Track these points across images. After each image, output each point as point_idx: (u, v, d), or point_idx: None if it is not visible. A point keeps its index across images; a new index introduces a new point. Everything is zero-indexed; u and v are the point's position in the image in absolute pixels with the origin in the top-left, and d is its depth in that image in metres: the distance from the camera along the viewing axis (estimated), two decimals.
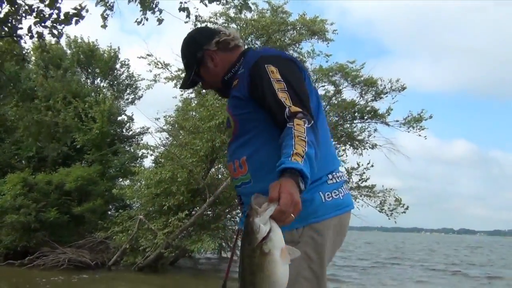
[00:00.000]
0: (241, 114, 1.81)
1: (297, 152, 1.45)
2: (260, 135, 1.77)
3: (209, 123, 11.39)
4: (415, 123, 12.73)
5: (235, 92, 1.84)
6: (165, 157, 13.14)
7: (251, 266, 1.33)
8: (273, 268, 1.31)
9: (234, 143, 1.87)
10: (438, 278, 13.90)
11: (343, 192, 1.82)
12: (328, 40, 13.03)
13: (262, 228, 1.31)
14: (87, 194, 13.82)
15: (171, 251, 11.70)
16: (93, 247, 12.61)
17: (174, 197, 11.77)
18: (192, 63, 1.96)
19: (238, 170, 1.83)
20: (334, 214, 1.77)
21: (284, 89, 1.65)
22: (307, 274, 1.71)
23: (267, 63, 1.74)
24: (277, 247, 1.32)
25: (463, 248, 42.68)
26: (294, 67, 1.81)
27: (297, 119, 1.56)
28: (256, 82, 1.73)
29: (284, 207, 1.32)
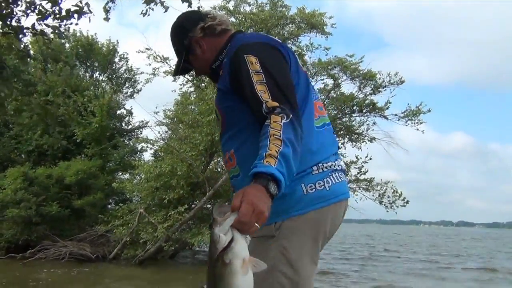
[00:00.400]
0: (227, 107, 1.75)
1: (270, 153, 1.39)
2: (246, 128, 1.69)
3: (208, 117, 11.42)
4: (413, 117, 12.80)
5: (219, 83, 1.77)
6: (165, 151, 13.19)
7: (213, 277, 1.30)
8: (232, 279, 1.28)
9: (223, 136, 1.82)
10: (439, 271, 14.01)
11: (331, 182, 1.70)
12: (326, 33, 13.05)
13: (222, 238, 1.28)
14: (87, 188, 13.90)
15: (171, 244, 11.81)
16: (94, 240, 12.71)
17: (174, 191, 11.85)
18: (181, 51, 1.90)
19: (229, 163, 1.79)
20: (317, 207, 1.67)
21: (262, 81, 1.57)
22: (285, 269, 1.63)
23: (246, 52, 1.64)
24: (238, 258, 1.28)
25: (461, 240, 42.93)
26: (277, 54, 1.70)
27: (274, 115, 1.48)
28: (236, 75, 1.65)
29: (243, 217, 1.27)
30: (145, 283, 9.93)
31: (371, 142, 13.49)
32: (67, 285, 9.13)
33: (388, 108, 13.22)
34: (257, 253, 1.58)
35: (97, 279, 10.43)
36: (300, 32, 12.26)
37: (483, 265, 16.32)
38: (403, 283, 10.95)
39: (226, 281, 1.27)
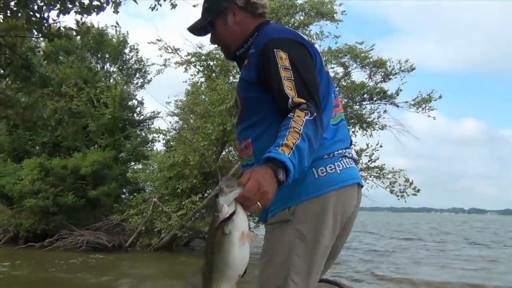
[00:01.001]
0: (249, 98, 1.77)
1: (286, 143, 1.44)
2: (266, 119, 1.73)
3: (220, 107, 11.54)
4: (424, 104, 12.78)
5: (244, 73, 1.79)
6: (177, 141, 13.34)
7: (212, 245, 1.34)
8: (229, 249, 1.31)
9: (241, 124, 1.84)
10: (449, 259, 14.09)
11: (342, 166, 1.73)
12: (336, 21, 13.03)
13: (225, 208, 1.31)
14: (101, 178, 14.16)
15: (184, 232, 12.02)
16: (110, 229, 12.98)
17: (187, 180, 12.03)
18: (213, 10, 1.84)
19: (244, 151, 1.83)
20: (329, 190, 1.69)
21: (290, 78, 1.60)
22: (300, 251, 1.66)
23: (277, 47, 1.65)
24: (238, 230, 1.32)
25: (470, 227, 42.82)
26: (305, 52, 1.72)
27: (299, 110, 1.52)
28: (264, 68, 1.67)
29: (247, 193, 1.31)
30: (161, 270, 10.16)
31: (382, 130, 13.51)
32: (85, 272, 9.37)
33: (398, 96, 13.22)
34: (273, 239, 1.69)
35: (114, 267, 10.68)
36: (310, 21, 12.27)
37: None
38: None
39: (224, 250, 1.31)
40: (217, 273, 1.33)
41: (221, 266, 1.32)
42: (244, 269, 1.35)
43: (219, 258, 1.32)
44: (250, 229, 5.70)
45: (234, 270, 1.33)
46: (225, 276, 1.33)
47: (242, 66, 1.82)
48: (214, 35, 1.87)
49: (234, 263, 1.32)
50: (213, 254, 1.33)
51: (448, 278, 9.40)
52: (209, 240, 1.35)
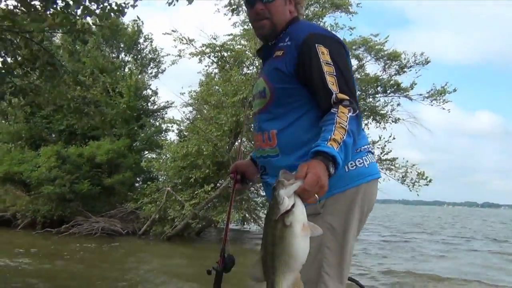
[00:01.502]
0: (282, 88, 1.76)
1: (334, 138, 1.47)
2: (295, 112, 1.75)
3: (234, 98, 11.63)
4: (438, 96, 12.71)
5: (278, 63, 1.77)
6: (191, 131, 13.48)
7: (273, 237, 1.36)
8: (292, 240, 1.34)
9: (265, 114, 1.84)
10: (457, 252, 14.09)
11: (368, 160, 1.80)
12: (351, 13, 13.00)
13: (286, 200, 1.34)
14: (116, 167, 14.41)
15: (197, 221, 12.22)
16: (124, 217, 13.25)
17: (200, 170, 12.19)
18: None
19: (267, 142, 1.82)
20: (358, 183, 1.76)
21: (332, 73, 1.63)
22: (331, 244, 1.71)
23: (318, 42, 1.68)
24: (299, 221, 1.34)
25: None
26: (343, 50, 1.76)
27: (343, 106, 1.56)
28: (304, 61, 1.69)
29: (308, 186, 1.34)
30: (173, 257, 10.36)
31: (395, 122, 13.48)
32: (100, 258, 9.62)
33: (412, 89, 13.16)
34: None
35: (127, 253, 10.91)
36: (324, 13, 12.24)
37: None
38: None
39: (287, 242, 1.34)
40: (281, 263, 1.36)
41: (285, 257, 1.35)
42: (306, 258, 1.37)
43: (282, 250, 1.35)
44: (261, 219, 5.84)
45: (298, 260, 1.36)
46: (289, 266, 1.36)
47: (272, 56, 1.82)
48: (269, 5, 1.82)
49: (297, 254, 1.35)
50: (274, 246, 1.36)
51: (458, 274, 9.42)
52: (269, 232, 1.37)
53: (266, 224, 1.40)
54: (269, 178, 1.87)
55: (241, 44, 13.11)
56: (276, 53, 1.80)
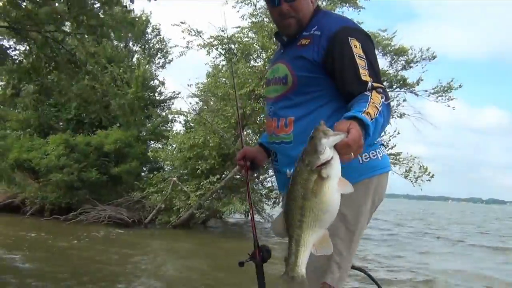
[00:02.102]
0: (306, 77, 1.76)
1: (368, 112, 1.45)
2: (316, 101, 1.75)
3: (241, 90, 11.72)
4: (444, 93, 12.76)
5: (304, 52, 1.76)
6: (197, 123, 13.61)
7: (305, 190, 1.27)
8: (329, 194, 1.26)
9: (283, 101, 1.83)
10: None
11: (381, 153, 1.82)
12: (359, 7, 13.02)
13: (328, 151, 1.25)
14: (123, 156, 14.62)
15: (202, 211, 12.40)
16: (130, 205, 13.45)
17: (206, 161, 12.34)
18: None
19: (282, 128, 1.82)
20: (372, 175, 1.78)
21: (365, 66, 1.64)
22: (342, 234, 1.73)
23: (351, 36, 1.69)
24: (337, 175, 1.27)
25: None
26: (372, 45, 1.78)
27: (376, 92, 1.57)
28: (334, 52, 1.69)
29: (352, 141, 1.29)
30: (179, 246, 10.54)
31: (401, 118, 13.55)
32: (107, 245, 9.81)
33: (418, 85, 13.20)
34: None
35: (133, 241, 11.11)
36: (333, 7, 12.28)
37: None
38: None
39: (322, 195, 1.26)
40: (311, 218, 1.28)
41: (317, 211, 1.27)
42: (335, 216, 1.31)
43: (315, 204, 1.26)
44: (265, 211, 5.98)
45: (330, 216, 1.29)
46: (321, 221, 1.29)
47: (295, 44, 1.81)
48: (295, 6, 1.81)
49: (332, 209, 1.28)
50: (306, 200, 1.27)
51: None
52: (300, 184, 1.28)
53: (296, 176, 1.30)
54: (279, 166, 1.89)
55: (248, 37, 13.17)
56: (301, 41, 1.79)
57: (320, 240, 1.32)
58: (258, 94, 12.00)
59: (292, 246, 1.33)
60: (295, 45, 1.81)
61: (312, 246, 1.32)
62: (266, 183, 14.79)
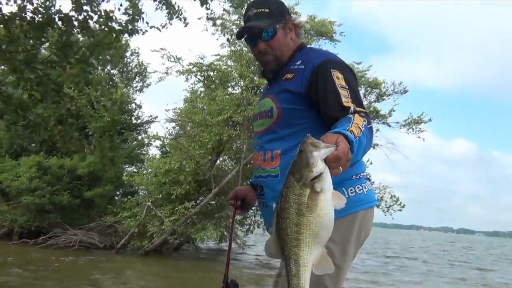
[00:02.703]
0: (290, 109, 1.80)
1: (352, 130, 1.46)
2: (301, 133, 1.67)
3: (218, 117, 11.87)
4: (414, 125, 13.21)
5: (288, 85, 1.82)
6: (174, 148, 13.64)
7: (299, 205, 1.22)
8: (325, 208, 1.22)
9: (269, 134, 1.86)
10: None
11: (367, 187, 1.83)
12: (335, 40, 13.48)
13: (320, 164, 1.21)
14: (97, 179, 14.45)
15: (176, 237, 12.30)
16: (102, 230, 13.24)
17: (181, 186, 12.32)
18: (276, 17, 1.88)
19: (268, 162, 1.83)
20: (358, 209, 1.78)
21: (347, 96, 1.68)
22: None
23: (333, 68, 1.75)
24: (330, 188, 1.24)
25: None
26: (354, 78, 1.84)
27: (359, 115, 1.58)
28: (318, 82, 1.73)
29: (342, 154, 1.28)
30: (150, 272, 10.41)
31: (374, 148, 13.90)
32: (75, 270, 9.64)
33: (391, 116, 13.64)
34: None
35: (104, 266, 10.91)
36: (309, 41, 12.69)
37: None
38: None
39: (318, 210, 1.22)
40: (308, 235, 1.23)
41: (314, 227, 1.22)
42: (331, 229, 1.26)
43: (312, 219, 1.21)
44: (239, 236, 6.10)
45: (328, 231, 1.25)
46: (319, 237, 1.24)
47: (280, 79, 1.87)
48: (270, 42, 1.88)
49: (329, 223, 1.24)
50: (301, 216, 1.22)
51: None
52: (293, 200, 1.23)
53: (287, 192, 1.25)
54: (266, 199, 1.90)
55: (227, 65, 13.43)
56: (286, 75, 1.85)
57: (320, 259, 1.26)
58: (235, 121, 12.18)
59: (292, 268, 1.24)
60: (280, 79, 1.87)
61: (312, 266, 1.25)
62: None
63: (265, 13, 1.87)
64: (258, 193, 1.98)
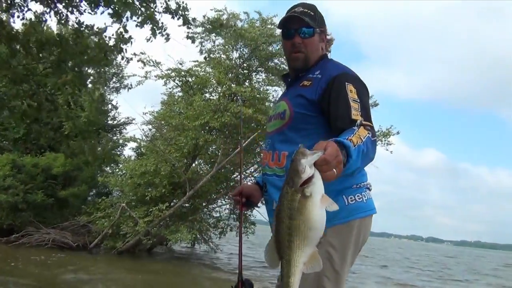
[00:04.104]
0: (302, 114, 1.89)
1: (351, 139, 1.54)
2: (309, 138, 1.80)
3: (195, 122, 12.14)
4: (383, 138, 13.73)
5: (304, 91, 1.91)
6: (150, 150, 13.81)
7: (290, 210, 1.31)
8: (313, 211, 1.30)
9: (280, 135, 1.95)
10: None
11: (367, 196, 1.90)
12: None
13: (308, 169, 1.31)
14: (71, 179, 14.49)
15: (149, 238, 12.49)
16: (76, 229, 13.28)
17: (156, 189, 12.52)
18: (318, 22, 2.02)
19: (276, 161, 1.92)
20: (357, 217, 1.85)
21: (358, 109, 1.76)
22: (329, 273, 1.76)
23: (348, 81, 1.83)
24: (319, 192, 1.32)
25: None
26: (367, 91, 1.92)
27: (363, 128, 1.66)
28: (332, 92, 1.82)
29: (329, 157, 1.35)
30: (122, 272, 10.55)
31: None
32: (47, 269, 9.71)
33: None
34: None
35: (75, 266, 10.97)
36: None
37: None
38: None
39: (307, 213, 1.30)
40: (299, 237, 1.32)
41: (304, 229, 1.31)
42: (323, 231, 1.35)
43: (301, 222, 1.30)
44: (211, 239, 6.59)
45: (317, 232, 1.33)
46: (308, 239, 1.33)
47: (298, 85, 1.99)
48: (306, 41, 2.00)
49: (317, 225, 1.32)
50: (292, 219, 1.31)
51: None
52: (286, 205, 1.33)
53: (282, 198, 1.36)
54: (268, 196, 2.01)
55: (205, 71, 13.73)
56: (303, 82, 1.96)
57: (310, 259, 1.35)
58: (212, 127, 12.48)
59: (284, 268, 1.36)
60: (298, 85, 1.98)
61: (303, 265, 1.35)
62: (214, 213, 15.12)
63: (311, 15, 2.00)
64: (263, 190, 2.08)
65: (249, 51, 13.22)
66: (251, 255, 15.17)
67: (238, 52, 13.48)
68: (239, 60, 13.53)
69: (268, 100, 13.90)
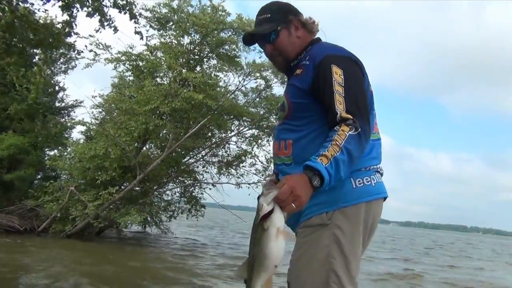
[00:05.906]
0: (299, 103, 1.88)
1: (326, 154, 1.58)
2: (310, 125, 1.85)
3: (145, 107, 12.22)
4: None
5: (296, 81, 1.89)
6: (100, 134, 13.73)
7: (254, 239, 1.52)
8: (266, 242, 1.48)
9: (283, 125, 1.96)
10: None
11: (376, 179, 1.87)
12: None
13: (264, 207, 1.48)
14: (17, 162, 14.21)
15: (99, 221, 12.54)
16: (23, 213, 13.11)
17: (106, 172, 12.54)
18: (279, 20, 1.98)
19: (283, 151, 1.93)
20: (364, 200, 1.83)
21: (342, 93, 1.71)
22: (336, 255, 1.75)
23: (333, 63, 1.78)
24: (274, 226, 1.48)
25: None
26: (359, 71, 1.86)
27: (345, 125, 1.64)
28: (319, 79, 1.79)
29: (281, 195, 1.49)
30: (70, 255, 10.58)
31: None
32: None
33: None
34: (311, 240, 1.80)
35: (20, 249, 10.88)
36: (237, 41, 13.32)
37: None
38: None
39: (262, 243, 1.49)
40: (257, 263, 1.52)
41: (260, 257, 1.50)
42: (279, 261, 1.52)
43: (258, 251, 1.50)
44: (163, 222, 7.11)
45: (271, 261, 1.50)
46: (263, 266, 1.51)
47: (293, 75, 1.96)
48: (276, 44, 1.99)
49: (270, 255, 1.49)
50: (254, 248, 1.52)
51: None
52: (252, 236, 1.55)
53: (252, 228, 1.56)
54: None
55: (156, 56, 13.74)
56: (296, 71, 1.94)
57: (266, 283, 1.54)
58: (162, 112, 12.60)
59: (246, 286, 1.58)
60: (292, 75, 1.97)
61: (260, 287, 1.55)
62: (165, 196, 15.33)
63: (267, 18, 1.99)
64: (274, 179, 2.10)
65: (200, 37, 13.33)
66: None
67: (189, 37, 13.57)
68: (190, 45, 13.63)
69: (219, 86, 14.17)
